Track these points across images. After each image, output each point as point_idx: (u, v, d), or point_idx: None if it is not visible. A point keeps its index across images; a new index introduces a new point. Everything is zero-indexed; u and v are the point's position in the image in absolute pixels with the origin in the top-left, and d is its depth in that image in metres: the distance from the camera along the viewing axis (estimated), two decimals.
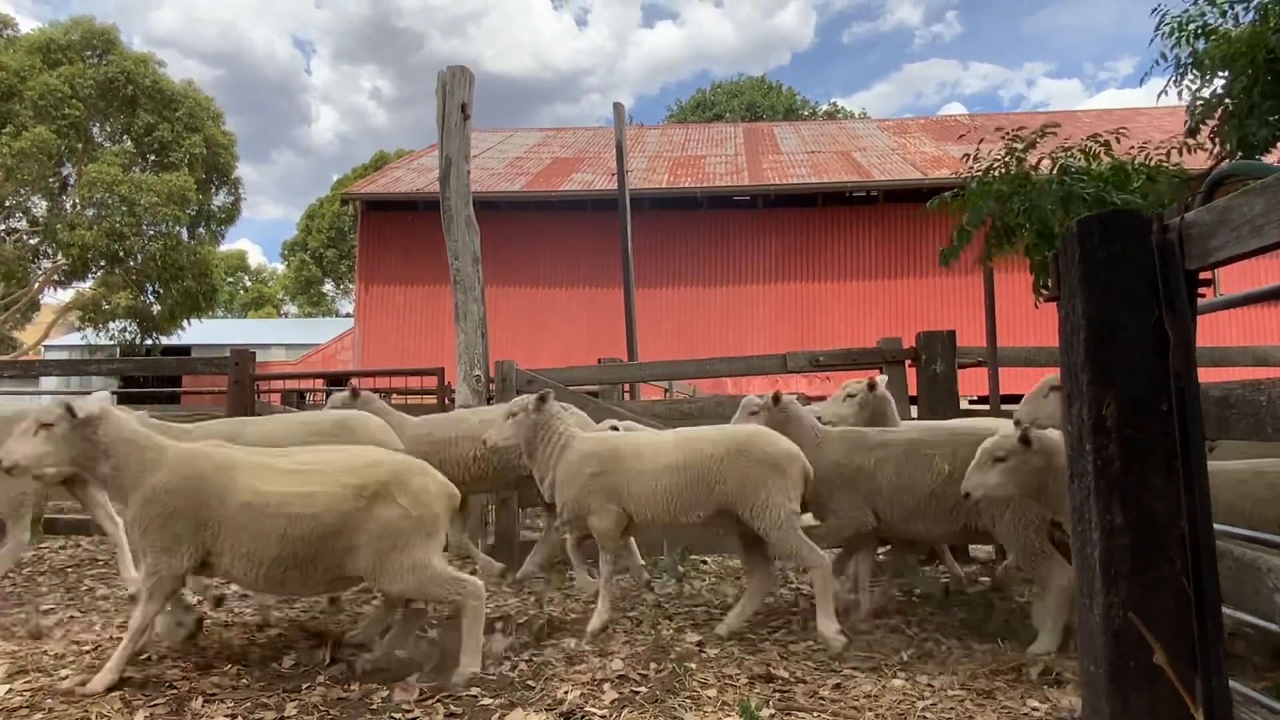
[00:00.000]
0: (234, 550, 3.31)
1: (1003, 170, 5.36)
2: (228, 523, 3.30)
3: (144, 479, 3.35)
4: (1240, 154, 5.55)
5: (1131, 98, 78.43)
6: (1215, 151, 5.98)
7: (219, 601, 4.44)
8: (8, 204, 25.05)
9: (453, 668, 3.39)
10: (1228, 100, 5.73)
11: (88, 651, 3.79)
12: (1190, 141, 5.89)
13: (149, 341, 27.53)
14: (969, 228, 5.27)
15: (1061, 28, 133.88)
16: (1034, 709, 3.01)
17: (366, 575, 3.37)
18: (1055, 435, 3.55)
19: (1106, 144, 5.24)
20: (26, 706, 3.13)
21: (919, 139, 23.93)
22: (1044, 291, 4.75)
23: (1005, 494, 3.56)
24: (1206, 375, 1.89)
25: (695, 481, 3.96)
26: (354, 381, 5.67)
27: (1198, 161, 5.76)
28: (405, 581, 3.35)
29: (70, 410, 3.35)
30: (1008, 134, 5.57)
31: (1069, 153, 5.27)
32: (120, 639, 3.49)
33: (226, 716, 3.05)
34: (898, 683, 3.26)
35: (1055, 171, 5.10)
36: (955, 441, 3.99)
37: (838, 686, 3.26)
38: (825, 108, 47.68)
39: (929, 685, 3.25)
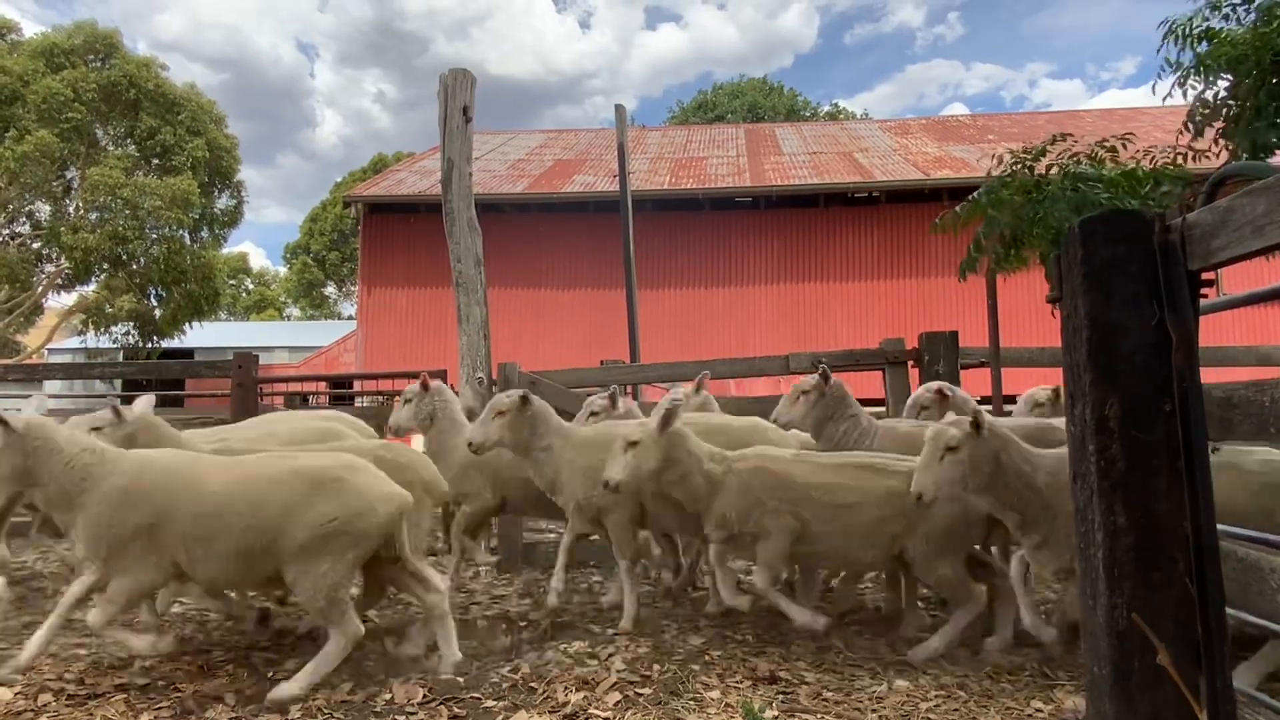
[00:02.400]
0: None
1: (1011, 177, 5.36)
2: None
3: None
4: (1247, 157, 5.54)
5: (1133, 98, 78.38)
6: (1221, 156, 5.97)
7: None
8: (11, 207, 25.12)
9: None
10: (1231, 103, 5.71)
11: (92, 655, 3.80)
12: (1196, 148, 5.89)
13: (150, 345, 27.58)
14: (985, 239, 5.27)
15: (1063, 28, 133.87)
16: (1037, 710, 3.01)
17: None
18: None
19: (1113, 149, 5.24)
20: (30, 710, 3.13)
21: (921, 139, 23.94)
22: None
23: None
24: (1210, 375, 1.88)
25: None
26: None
27: (1204, 166, 5.77)
28: None
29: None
30: (1016, 151, 5.58)
31: (1075, 159, 5.27)
32: (121, 640, 3.48)
33: (230, 718, 3.05)
34: (901, 684, 3.26)
35: (1067, 179, 5.10)
36: None
37: (841, 688, 3.26)
38: (827, 109, 47.71)
39: (933, 686, 3.25)
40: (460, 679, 3.41)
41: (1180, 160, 5.41)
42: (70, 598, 3.52)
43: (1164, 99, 6.34)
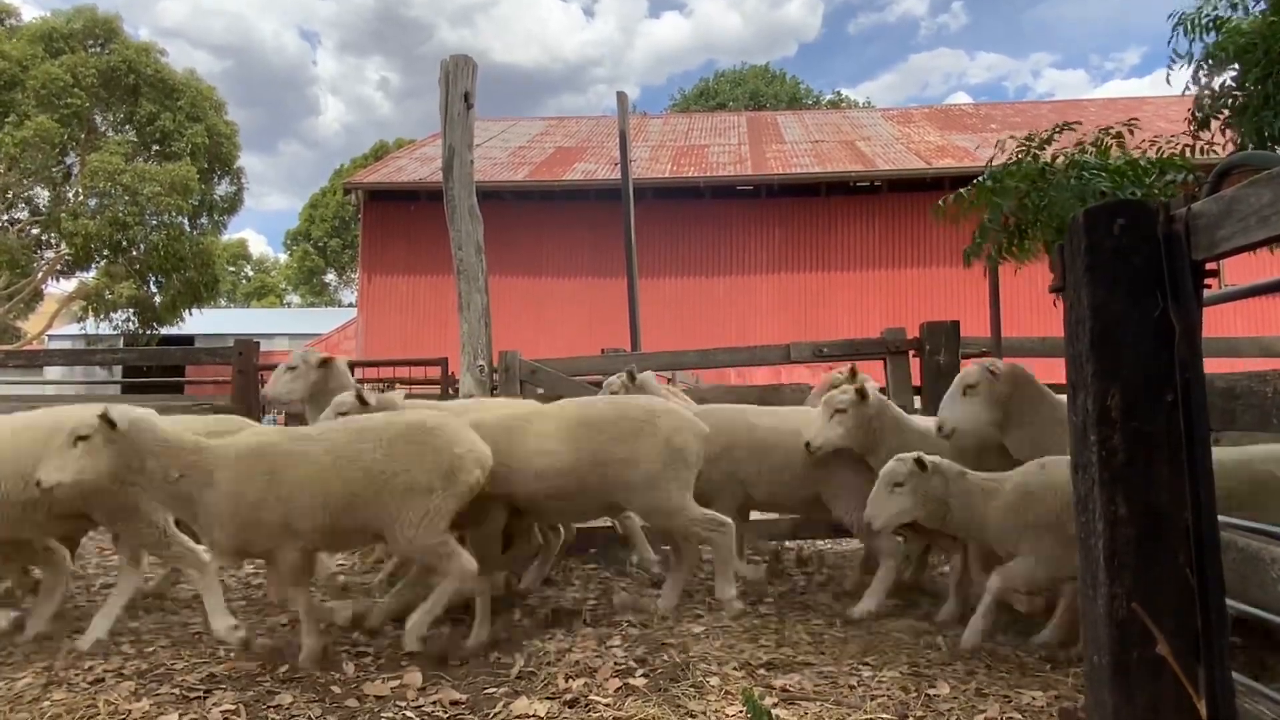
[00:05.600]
0: None
1: (1016, 164, 5.33)
2: None
3: None
4: (1253, 146, 5.51)
5: (1137, 88, 77.97)
6: (1227, 146, 5.94)
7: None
8: (10, 193, 25.06)
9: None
10: (1237, 93, 5.68)
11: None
12: (1200, 138, 5.86)
13: (150, 331, 27.55)
14: (990, 225, 5.24)
15: (1067, 18, 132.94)
16: (1034, 698, 3.02)
17: None
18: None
19: (1119, 136, 5.20)
20: (33, 696, 3.15)
21: (923, 128, 23.84)
22: None
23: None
24: (1213, 366, 1.88)
25: None
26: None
27: (1211, 159, 5.73)
28: None
29: None
30: (1022, 139, 5.54)
31: (1081, 147, 5.24)
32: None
33: (232, 704, 3.06)
34: (899, 672, 3.27)
35: (1073, 168, 5.06)
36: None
37: (839, 676, 3.27)
38: (829, 97, 47.48)
39: (931, 675, 3.25)
40: (461, 665, 3.43)
41: (1186, 151, 5.38)
42: None
43: (1183, 90, 6.29)
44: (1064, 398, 4.05)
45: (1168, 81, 6.18)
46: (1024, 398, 3.86)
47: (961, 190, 5.68)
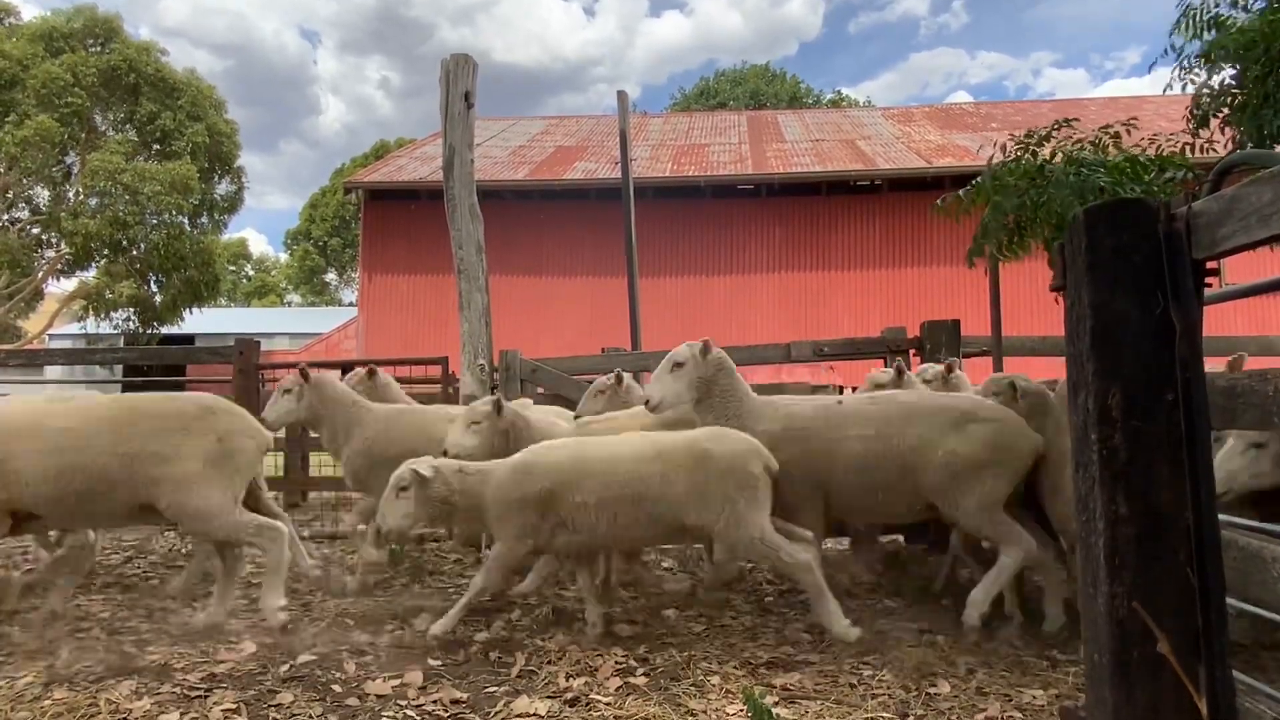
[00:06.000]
0: None
1: (1015, 163, 5.33)
2: None
3: None
4: (1252, 144, 5.52)
5: (1137, 87, 77.84)
6: (1227, 144, 5.95)
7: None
8: (11, 193, 25.06)
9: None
10: (1236, 91, 5.70)
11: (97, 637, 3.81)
12: (1200, 136, 5.87)
13: (150, 330, 27.53)
14: (993, 223, 5.24)
15: (1067, 17, 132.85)
16: (1034, 697, 3.02)
17: None
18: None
19: (1117, 135, 5.20)
20: (34, 695, 3.15)
21: (924, 127, 23.83)
22: None
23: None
24: (1214, 365, 1.88)
25: None
26: None
27: (1210, 157, 5.75)
28: None
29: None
30: (1018, 135, 5.54)
31: (1080, 145, 5.25)
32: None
33: (233, 703, 3.06)
34: (900, 671, 3.27)
35: (1071, 165, 5.07)
36: None
37: (840, 674, 3.27)
38: (830, 96, 47.47)
39: (932, 674, 3.25)
40: (461, 664, 3.43)
41: (1186, 150, 5.39)
42: None
43: (1165, 89, 6.32)
44: (759, 396, 4.13)
45: (1149, 70, 6.26)
46: (722, 384, 4.06)
47: (959, 191, 5.69)
